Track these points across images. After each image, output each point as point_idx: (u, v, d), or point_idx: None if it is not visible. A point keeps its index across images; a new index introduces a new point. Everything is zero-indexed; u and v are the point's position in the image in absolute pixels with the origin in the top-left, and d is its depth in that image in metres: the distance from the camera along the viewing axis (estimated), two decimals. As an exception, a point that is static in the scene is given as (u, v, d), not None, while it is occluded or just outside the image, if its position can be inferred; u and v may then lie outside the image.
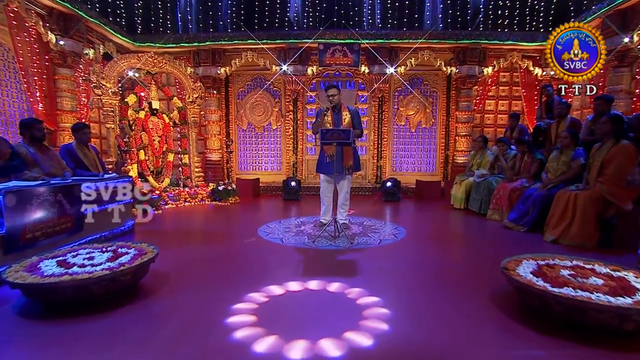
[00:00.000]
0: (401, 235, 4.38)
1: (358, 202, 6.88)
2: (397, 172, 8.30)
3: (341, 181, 4.59)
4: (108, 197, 4.00)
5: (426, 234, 4.51)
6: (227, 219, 5.55)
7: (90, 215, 3.68)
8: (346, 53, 7.39)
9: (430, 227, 5.00)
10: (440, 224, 5.25)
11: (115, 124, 6.17)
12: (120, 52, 7.21)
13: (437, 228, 4.96)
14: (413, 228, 4.79)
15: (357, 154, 4.62)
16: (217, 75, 7.81)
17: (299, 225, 4.86)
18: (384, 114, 8.13)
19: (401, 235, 4.35)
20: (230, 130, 8.45)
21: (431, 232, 4.64)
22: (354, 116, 4.48)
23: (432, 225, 5.13)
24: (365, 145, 8.27)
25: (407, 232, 4.53)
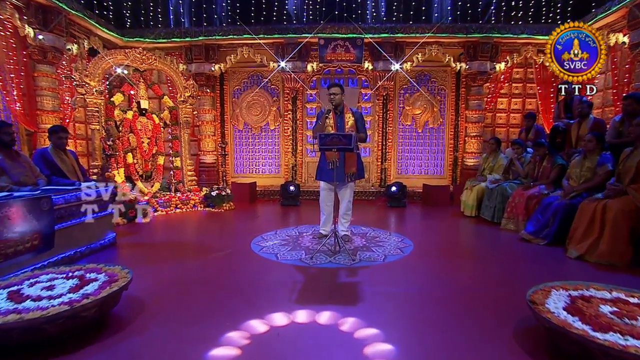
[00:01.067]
0: (408, 249, 4.07)
1: (361, 208, 6.59)
2: (402, 175, 8.02)
3: (343, 189, 4.30)
4: (85, 209, 3.72)
5: (435, 248, 4.19)
6: (218, 229, 5.25)
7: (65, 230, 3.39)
8: (348, 48, 7.11)
9: (439, 238, 4.68)
10: (451, 235, 4.93)
11: (100, 125, 5.88)
12: (107, 47, 6.92)
13: (447, 240, 4.64)
14: (421, 240, 4.48)
15: (361, 160, 4.34)
16: (211, 72, 7.55)
17: (296, 237, 4.57)
18: (388, 113, 7.85)
19: (408, 250, 4.04)
20: (226, 130, 8.19)
21: (441, 245, 4.32)
22: (357, 119, 4.19)
23: (441, 236, 4.82)
24: (369, 146, 8.00)
25: (414, 245, 4.23)
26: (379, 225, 5.29)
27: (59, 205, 3.32)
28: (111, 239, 4.10)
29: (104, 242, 3.98)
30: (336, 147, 3.61)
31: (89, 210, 3.78)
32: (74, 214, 3.54)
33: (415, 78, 7.79)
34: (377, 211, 6.53)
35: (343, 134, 3.60)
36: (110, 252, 3.90)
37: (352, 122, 4.16)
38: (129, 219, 5.30)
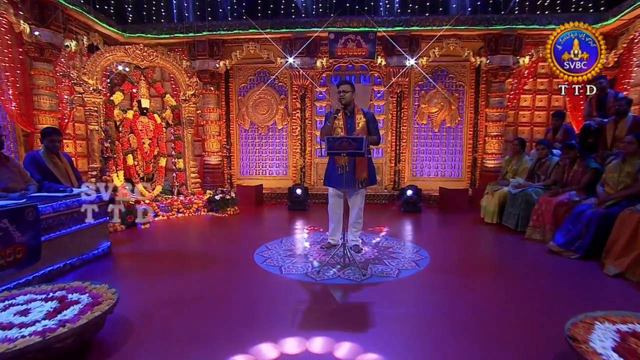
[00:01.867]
0: (424, 262, 3.82)
1: (373, 213, 6.34)
2: (417, 178, 7.76)
3: (353, 196, 4.07)
4: (77, 217, 3.56)
5: (454, 261, 3.92)
6: (221, 237, 5.06)
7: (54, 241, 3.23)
8: (360, 43, 6.88)
9: (458, 249, 4.40)
10: (471, 246, 4.64)
11: (99, 126, 5.75)
12: (107, 43, 6.81)
13: (467, 251, 4.35)
14: (438, 251, 4.22)
15: (373, 165, 4.10)
16: (216, 69, 7.39)
17: (303, 247, 4.37)
18: (403, 112, 7.59)
19: (424, 263, 3.79)
20: (231, 130, 8.03)
21: (460, 258, 4.05)
22: (369, 120, 3.95)
23: (460, 247, 4.53)
24: (382, 147, 7.73)
25: (431, 257, 3.97)
26: (393, 233, 5.05)
27: (46, 214, 3.16)
28: (105, 249, 3.94)
29: (98, 252, 3.82)
30: (346, 151, 3.39)
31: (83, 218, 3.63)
32: (64, 223, 3.38)
33: (432, 74, 7.51)
34: (390, 217, 6.27)
35: (353, 137, 3.37)
36: (104, 263, 3.73)
37: (363, 123, 3.93)
38: (127, 225, 5.16)
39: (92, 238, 3.77)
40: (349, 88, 3.87)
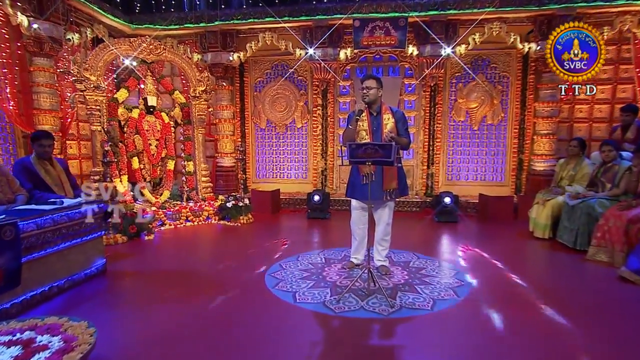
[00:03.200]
0: (465, 289, 3.40)
1: (402, 222, 5.95)
2: (453, 182, 7.36)
3: (380, 209, 3.73)
4: (67, 233, 3.34)
5: (501, 288, 3.48)
6: (230, 252, 4.81)
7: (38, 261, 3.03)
8: (389, 30, 6.53)
9: (506, 272, 3.93)
10: (521, 267, 4.15)
11: (102, 126, 5.60)
12: (113, 36, 6.69)
13: (516, 275, 3.87)
14: (480, 274, 3.80)
15: (404, 173, 3.75)
16: (229, 62, 7.22)
17: (322, 266, 4.04)
18: (437, 108, 7.20)
19: (465, 290, 3.37)
20: (246, 129, 7.87)
21: (509, 284, 3.59)
22: (398, 120, 3.60)
23: (508, 268, 4.06)
24: (413, 147, 7.34)
25: (471, 282, 3.56)
26: (426, 249, 4.65)
27: (28, 232, 2.94)
28: (100, 267, 3.73)
29: (90, 272, 3.61)
30: (371, 160, 3.06)
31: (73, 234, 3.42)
32: (50, 241, 3.16)
33: (471, 64, 7.08)
34: (422, 228, 5.89)
35: (380, 143, 3.04)
36: (96, 285, 3.52)
37: (392, 124, 3.58)
38: (129, 236, 4.98)
39: (85, 256, 3.55)
40: (374, 83, 3.53)
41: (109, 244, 4.69)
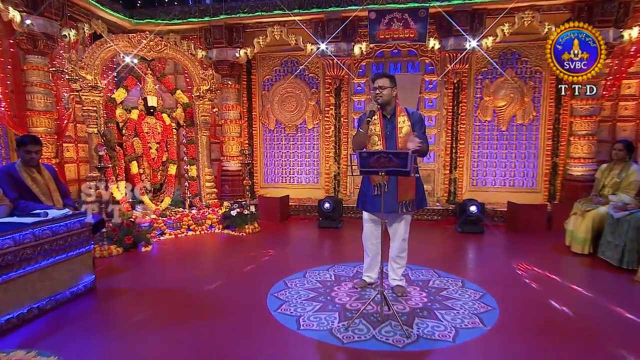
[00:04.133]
0: (492, 315, 3.13)
1: (422, 233, 5.74)
2: (478, 188, 7.13)
3: (395, 223, 3.52)
4: (50, 249, 3.21)
5: (536, 314, 3.20)
6: (231, 266, 4.63)
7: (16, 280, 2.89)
8: (408, 23, 6.30)
9: (540, 295, 3.63)
10: (557, 289, 3.82)
11: (99, 128, 5.50)
12: (113, 32, 6.64)
13: (553, 297, 3.56)
14: (510, 296, 3.52)
15: (421, 183, 3.53)
16: (236, 59, 7.11)
17: (331, 284, 3.83)
18: (461, 106, 6.97)
19: (492, 317, 3.10)
20: (254, 130, 7.79)
21: (545, 311, 3.29)
22: (415, 123, 3.39)
23: (542, 290, 3.75)
24: (434, 149, 7.10)
25: (500, 307, 3.28)
26: (448, 265, 4.38)
27: (5, 249, 2.80)
28: (88, 284, 3.59)
29: (78, 289, 3.47)
30: (385, 169, 2.84)
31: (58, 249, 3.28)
32: (30, 258, 3.02)
33: (499, 58, 6.84)
34: (444, 240, 5.64)
35: (394, 151, 2.83)
36: (82, 305, 3.37)
37: (408, 127, 3.36)
38: (125, 247, 4.86)
39: (71, 273, 3.41)
40: (388, 82, 3.32)
41: (102, 256, 4.59)
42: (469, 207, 5.83)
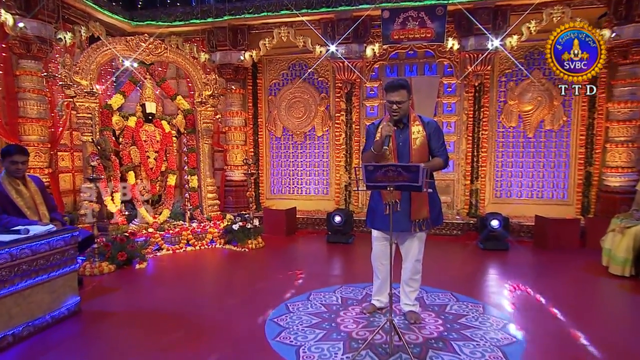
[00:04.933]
0: (517, 349, 2.91)
1: (440, 249, 5.58)
2: (502, 200, 6.92)
3: (408, 242, 3.35)
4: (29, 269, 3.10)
5: (568, 350, 2.95)
6: (230, 285, 4.55)
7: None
8: (424, 21, 6.21)
9: (573, 326, 3.37)
10: (593, 319, 3.56)
11: (94, 136, 5.47)
12: (112, 35, 6.66)
13: (590, 328, 3.29)
14: (539, 327, 3.29)
15: (437, 198, 3.37)
16: (240, 62, 7.10)
17: (337, 309, 3.66)
18: (482, 111, 6.80)
19: (517, 352, 2.88)
20: (260, 138, 7.73)
21: (575, 344, 3.04)
22: (432, 133, 3.26)
23: (575, 320, 3.49)
24: (453, 158, 6.94)
25: (527, 339, 3.05)
26: (467, 287, 4.17)
27: (-24, 270, 2.70)
28: (72, 307, 3.48)
29: (60, 313, 3.36)
30: (394, 184, 2.70)
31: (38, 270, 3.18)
32: (6, 280, 2.91)
33: (525, 58, 6.67)
34: (464, 258, 5.43)
35: (404, 165, 2.68)
36: (63, 331, 3.26)
37: (422, 138, 3.20)
38: (118, 264, 4.77)
39: (53, 295, 3.30)
40: (405, 95, 3.14)
41: (92, 274, 4.51)
42: (490, 221, 5.64)
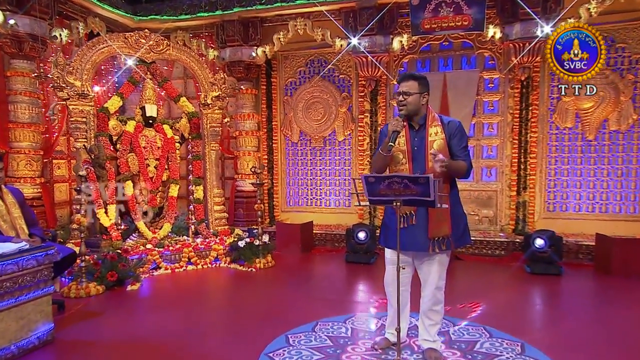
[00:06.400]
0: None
1: (476, 273, 5.37)
2: (556, 215, 6.66)
3: (426, 264, 3.14)
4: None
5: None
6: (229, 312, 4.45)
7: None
8: (460, 7, 6.10)
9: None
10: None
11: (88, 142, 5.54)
12: (112, 31, 6.83)
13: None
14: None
15: (461, 212, 3.15)
16: (252, 59, 7.15)
17: (345, 342, 3.47)
18: (531, 110, 6.57)
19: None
20: (274, 143, 7.75)
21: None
22: (452, 135, 3.06)
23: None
24: (496, 165, 6.72)
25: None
26: (504, 320, 3.87)
27: None
28: (44, 335, 3.41)
29: (27, 343, 3.27)
30: (400, 198, 2.54)
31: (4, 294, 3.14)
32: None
33: None
34: (504, 283, 5.16)
35: (410, 176, 2.53)
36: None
37: (442, 141, 3.01)
38: (107, 285, 4.74)
39: (21, 321, 3.23)
40: (416, 87, 3.02)
41: (78, 297, 4.48)
42: (534, 239, 5.41)
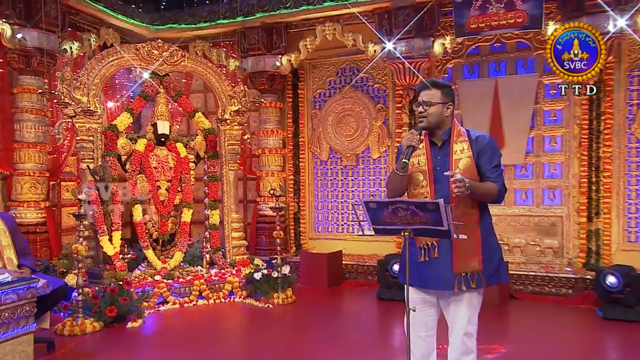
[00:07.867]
0: None
1: (534, 315, 5.16)
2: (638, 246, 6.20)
3: (453, 306, 2.90)
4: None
5: None
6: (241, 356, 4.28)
7: None
8: (512, 3, 6.07)
9: None
10: None
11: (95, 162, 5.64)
12: (128, 42, 7.04)
13: None
14: None
15: (495, 242, 2.90)
16: (277, 69, 7.18)
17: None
18: (604, 120, 6.30)
19: None
20: (301, 162, 7.73)
21: None
22: (482, 152, 2.82)
23: None
24: (561, 186, 6.45)
25: None
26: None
27: None
28: (21, 382, 3.40)
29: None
30: (408, 227, 2.35)
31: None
32: None
33: None
34: (568, 331, 4.86)
35: (417, 201, 2.34)
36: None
37: (468, 159, 2.75)
38: (106, 322, 4.73)
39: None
40: (438, 96, 2.80)
41: (72, 334, 4.47)
42: (605, 276, 5.06)
